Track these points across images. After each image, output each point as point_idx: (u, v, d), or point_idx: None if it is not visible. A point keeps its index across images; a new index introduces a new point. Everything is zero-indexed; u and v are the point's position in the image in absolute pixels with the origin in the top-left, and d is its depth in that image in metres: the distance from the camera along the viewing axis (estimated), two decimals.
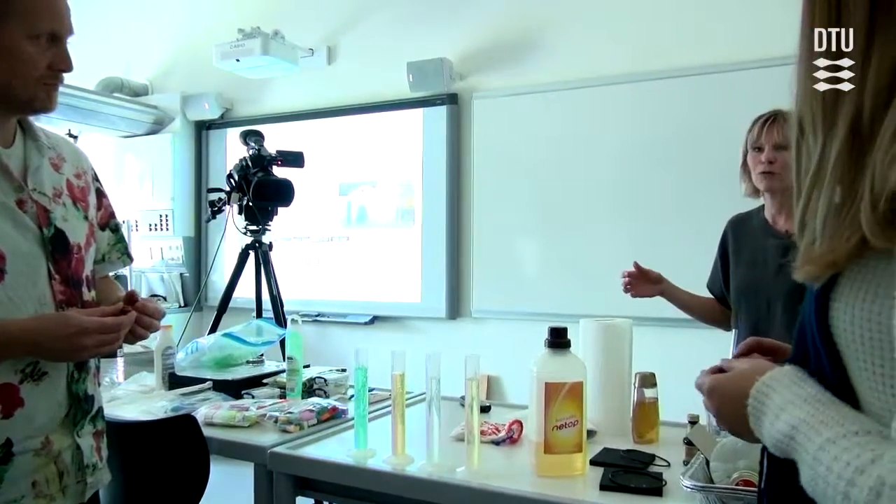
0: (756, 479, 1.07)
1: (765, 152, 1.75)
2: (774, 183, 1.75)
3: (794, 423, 0.62)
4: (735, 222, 1.92)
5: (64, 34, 1.15)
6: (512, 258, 3.63)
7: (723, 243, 1.93)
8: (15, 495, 1.09)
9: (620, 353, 1.54)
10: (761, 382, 0.68)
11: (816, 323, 0.63)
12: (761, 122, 1.78)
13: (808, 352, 0.66)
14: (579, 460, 1.25)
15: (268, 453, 1.39)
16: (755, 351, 0.88)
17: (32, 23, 1.10)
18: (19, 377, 1.10)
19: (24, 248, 1.11)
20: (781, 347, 0.86)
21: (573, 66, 3.46)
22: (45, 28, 1.11)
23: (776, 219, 1.81)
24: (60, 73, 1.16)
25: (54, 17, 1.12)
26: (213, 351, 1.97)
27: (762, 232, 1.82)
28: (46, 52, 1.12)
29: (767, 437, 0.66)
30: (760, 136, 1.77)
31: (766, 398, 0.67)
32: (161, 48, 4.60)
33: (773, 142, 1.74)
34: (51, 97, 1.17)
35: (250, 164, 2.74)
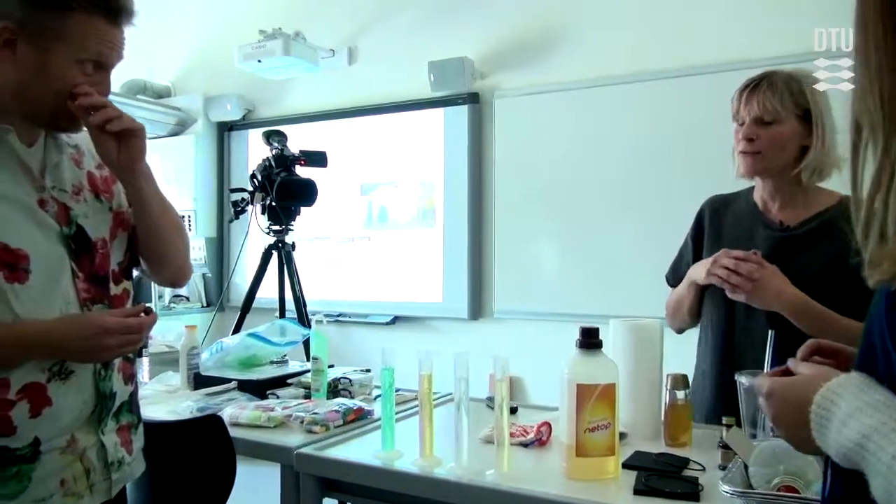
0: (798, 486, 1.04)
1: (744, 127, 1.48)
2: (757, 165, 1.48)
3: (865, 431, 0.59)
4: (715, 203, 1.65)
5: (109, 64, 1.16)
6: (534, 258, 3.61)
7: (697, 227, 1.65)
8: (44, 494, 1.09)
9: (651, 353, 1.51)
10: (826, 389, 0.65)
11: (888, 322, 0.60)
12: (740, 91, 1.49)
13: (876, 356, 0.63)
14: (612, 463, 1.22)
15: (294, 454, 1.38)
16: (816, 353, 0.85)
17: (82, 48, 1.11)
18: (46, 376, 1.10)
19: (46, 248, 1.11)
20: (844, 350, 0.83)
21: (595, 64, 3.43)
22: (93, 54, 1.12)
23: (768, 205, 1.55)
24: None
25: (103, 46, 1.13)
26: (238, 351, 1.96)
27: (750, 218, 1.56)
28: (88, 78, 1.13)
29: (834, 445, 0.63)
30: (739, 107, 1.49)
31: (833, 405, 0.64)
32: (183, 50, 4.63)
33: (754, 115, 1.45)
34: (76, 122, 1.17)
35: (273, 164, 2.74)
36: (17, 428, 1.06)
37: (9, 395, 1.06)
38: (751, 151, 1.47)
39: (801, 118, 1.45)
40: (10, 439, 1.05)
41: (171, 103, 4.52)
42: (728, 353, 1.53)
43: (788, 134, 1.45)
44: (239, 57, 3.79)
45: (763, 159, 1.48)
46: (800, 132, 1.45)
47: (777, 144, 1.45)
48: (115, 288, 1.23)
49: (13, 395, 1.06)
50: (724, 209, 1.63)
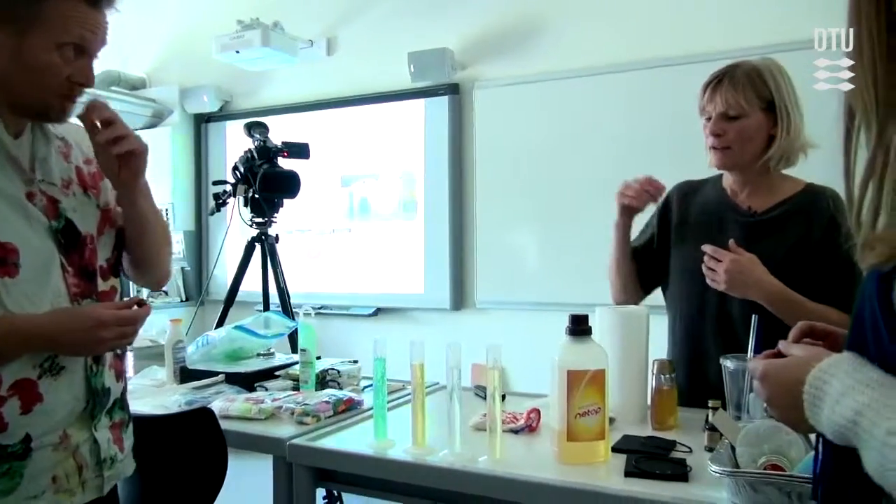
0: (783, 464, 1.07)
1: (711, 123, 1.50)
2: (726, 159, 1.51)
3: (858, 408, 0.61)
4: (683, 189, 1.67)
5: (91, 48, 1.12)
6: (515, 248, 3.63)
7: (664, 210, 1.67)
8: (36, 491, 1.08)
9: (637, 339, 1.53)
10: (818, 369, 0.67)
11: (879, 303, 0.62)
12: (703, 87, 1.52)
13: (866, 337, 0.64)
14: (602, 448, 1.24)
15: (287, 445, 1.38)
16: (807, 335, 0.87)
17: (61, 32, 1.07)
18: (38, 372, 1.09)
19: (35, 242, 1.10)
20: (834, 332, 0.85)
21: (575, 55, 3.45)
22: (72, 38, 1.09)
23: (737, 192, 1.57)
24: (79, 87, 1.13)
25: (84, 30, 1.09)
26: (224, 344, 1.96)
27: (718, 204, 1.59)
28: (69, 64, 1.10)
29: (827, 424, 0.65)
30: (704, 103, 1.52)
31: (826, 384, 0.66)
32: (158, 40, 4.56)
33: (719, 111, 1.48)
34: (65, 109, 1.15)
35: (256, 155, 2.72)
36: (8, 425, 1.05)
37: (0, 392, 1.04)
38: (720, 147, 1.50)
39: (765, 110, 1.48)
40: (1, 436, 1.04)
41: (146, 95, 4.45)
42: (699, 341, 1.57)
43: (755, 126, 1.48)
44: (216, 48, 3.75)
45: (733, 154, 1.50)
46: (765, 123, 1.49)
47: (744, 138, 1.48)
48: (104, 284, 1.21)
49: (4, 392, 1.05)
50: (692, 195, 1.65)
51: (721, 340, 1.50)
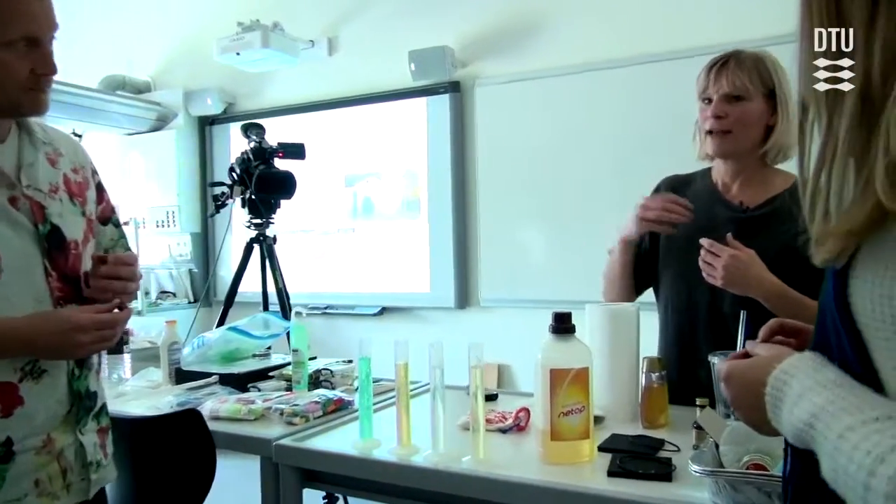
0: (766, 464, 1.05)
1: (712, 105, 1.45)
2: (726, 145, 1.46)
3: (814, 410, 0.59)
4: (673, 183, 1.62)
5: (42, 36, 1.11)
6: (519, 246, 3.61)
7: None
8: (18, 494, 1.09)
9: (628, 337, 1.51)
10: (779, 370, 0.65)
11: (836, 302, 0.60)
12: (707, 68, 1.47)
13: (829, 336, 0.63)
14: (586, 447, 1.23)
15: (273, 446, 1.38)
16: (777, 333, 0.85)
17: (2, 30, 1.06)
18: (19, 375, 1.09)
19: (18, 246, 1.10)
20: (805, 329, 0.83)
21: (576, 51, 3.42)
22: (18, 33, 1.07)
23: (728, 185, 1.53)
24: (45, 77, 1.13)
25: (26, 21, 1.08)
26: (220, 345, 1.96)
27: (708, 199, 1.54)
28: (25, 58, 1.09)
29: (787, 426, 0.63)
30: (707, 85, 1.46)
31: (785, 386, 0.64)
32: (162, 44, 4.59)
33: (723, 91, 1.43)
34: (37, 101, 1.14)
35: (252, 157, 2.73)
36: None
37: None
38: (720, 130, 1.46)
39: (766, 97, 1.45)
40: None
41: (151, 98, 4.49)
42: (690, 338, 1.54)
43: (757, 112, 1.45)
44: (217, 50, 3.76)
45: (733, 139, 1.46)
46: (765, 111, 1.46)
47: (746, 122, 1.45)
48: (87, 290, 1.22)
49: None
50: (682, 189, 1.60)
51: (712, 337, 1.48)
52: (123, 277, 1.18)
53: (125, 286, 1.18)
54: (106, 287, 1.16)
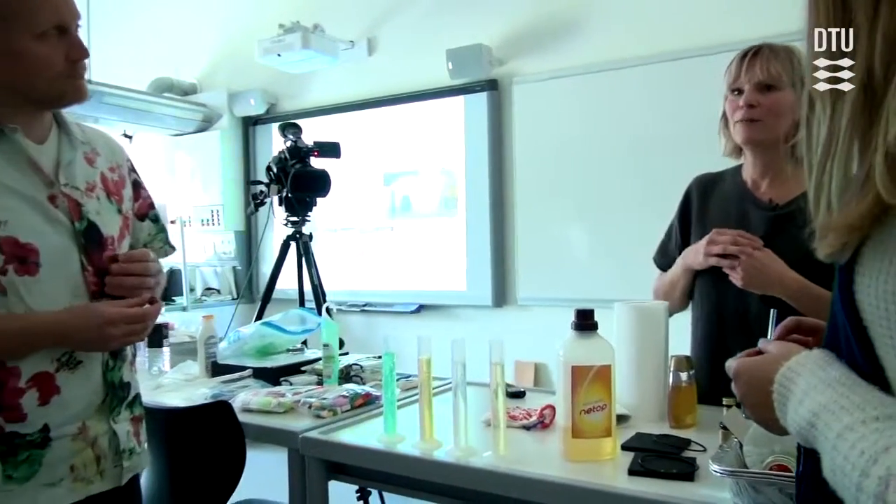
0: (791, 465, 1.02)
1: (744, 94, 1.43)
2: (756, 132, 1.43)
3: (816, 409, 0.58)
4: (702, 182, 1.61)
5: (70, 24, 1.15)
6: (556, 244, 3.59)
7: (684, 207, 1.62)
8: (54, 478, 1.13)
9: (656, 336, 1.49)
10: (786, 367, 0.64)
11: (841, 298, 0.59)
12: (740, 58, 1.45)
13: (838, 333, 0.61)
14: (608, 445, 1.22)
15: (300, 438, 1.41)
16: (794, 332, 0.83)
17: (34, 23, 1.10)
18: (55, 366, 1.14)
19: (56, 242, 1.15)
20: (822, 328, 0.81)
21: (614, 47, 3.38)
22: (49, 24, 1.12)
23: (758, 183, 1.51)
24: (79, 63, 1.17)
25: (54, 11, 1.13)
26: (254, 339, 2.01)
27: (738, 197, 1.52)
28: (59, 47, 1.14)
29: (792, 425, 0.62)
30: (739, 74, 1.44)
31: (791, 384, 0.63)
32: (207, 48, 4.72)
33: (756, 80, 1.41)
34: (77, 88, 1.19)
35: (288, 156, 2.78)
36: (27, 415, 1.10)
37: (19, 384, 1.10)
38: (750, 118, 1.43)
39: (797, 89, 1.42)
40: (21, 425, 1.10)
41: (197, 100, 4.61)
42: (719, 338, 1.51)
43: (788, 102, 1.42)
44: (259, 52, 3.84)
45: (763, 127, 1.43)
46: (796, 103, 1.42)
47: (777, 111, 1.42)
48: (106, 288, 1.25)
49: (23, 384, 1.10)
50: (711, 188, 1.59)
51: (741, 337, 1.44)
52: (136, 273, 1.21)
53: (140, 281, 1.22)
54: (121, 283, 1.20)
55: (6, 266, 1.08)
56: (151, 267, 1.25)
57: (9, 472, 1.09)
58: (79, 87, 1.19)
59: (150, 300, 1.23)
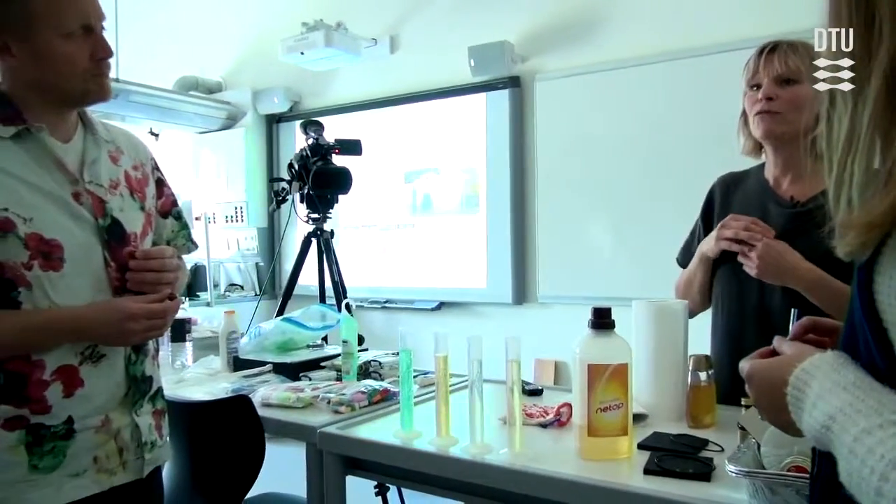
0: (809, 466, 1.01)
1: (763, 86, 1.42)
2: (775, 125, 1.42)
3: (831, 412, 0.58)
4: (726, 181, 1.61)
5: (95, 23, 1.18)
6: (577, 242, 3.57)
7: (707, 206, 1.62)
8: (78, 469, 1.16)
9: (675, 335, 1.48)
10: (800, 370, 0.64)
11: (860, 298, 0.58)
12: (758, 53, 1.44)
13: (856, 334, 0.60)
14: (624, 444, 1.21)
15: (317, 433, 1.42)
16: (810, 332, 0.82)
17: (61, 23, 1.13)
18: (79, 359, 1.16)
19: (80, 239, 1.17)
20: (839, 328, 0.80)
21: (637, 43, 3.35)
22: (75, 24, 1.15)
23: (779, 180, 1.50)
24: (104, 62, 1.20)
25: (81, 11, 1.15)
26: (275, 335, 2.03)
27: (760, 195, 1.52)
28: (84, 46, 1.16)
29: (807, 428, 0.62)
30: (758, 69, 1.43)
31: (805, 386, 0.62)
32: (232, 46, 4.77)
33: (775, 73, 1.41)
34: (102, 87, 1.21)
35: (309, 153, 2.81)
36: (51, 407, 1.13)
37: (44, 376, 1.13)
38: (770, 111, 1.41)
39: None
40: (45, 417, 1.13)
41: (222, 98, 4.66)
42: (740, 337, 1.50)
43: (807, 95, 1.40)
44: (282, 50, 3.88)
45: (782, 121, 1.42)
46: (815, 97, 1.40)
47: (796, 105, 1.40)
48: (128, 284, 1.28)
49: (47, 377, 1.13)
50: (735, 187, 1.59)
51: (762, 336, 1.42)
52: (154, 269, 1.23)
53: (158, 277, 1.23)
54: (141, 279, 1.22)
55: (32, 261, 1.11)
56: (168, 263, 1.27)
57: (34, 462, 1.12)
58: (103, 85, 1.21)
59: (170, 296, 1.25)
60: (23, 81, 1.16)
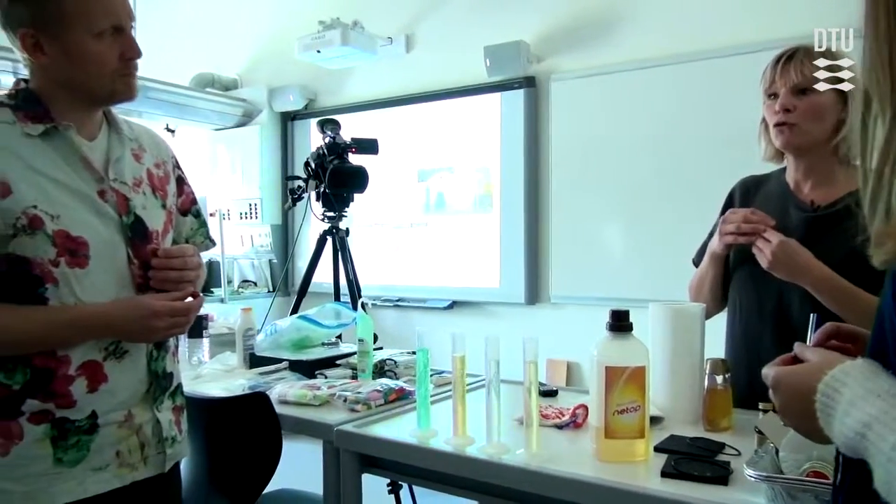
0: (828, 472, 1.01)
1: (780, 98, 1.41)
2: (794, 137, 1.41)
3: (866, 420, 0.58)
4: (747, 184, 1.60)
5: (125, 24, 1.19)
6: (591, 242, 3.57)
7: (727, 208, 1.60)
8: (101, 463, 1.18)
9: (691, 338, 1.48)
10: (830, 377, 0.64)
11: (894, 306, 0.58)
12: (774, 62, 1.42)
13: (887, 343, 0.61)
14: (641, 446, 1.22)
15: (334, 431, 1.43)
16: (833, 338, 0.82)
17: (92, 23, 1.15)
18: (103, 355, 1.18)
19: (105, 236, 1.19)
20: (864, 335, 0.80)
21: (653, 44, 3.35)
22: (106, 24, 1.16)
23: (800, 185, 1.49)
24: (132, 62, 1.21)
25: (111, 12, 1.17)
26: (290, 332, 2.04)
27: (781, 199, 1.50)
28: (114, 46, 1.18)
29: (837, 435, 0.62)
30: (774, 78, 1.42)
31: (837, 394, 0.63)
32: (248, 44, 4.79)
33: (791, 83, 1.39)
34: (129, 86, 1.23)
35: (326, 152, 2.82)
36: (76, 401, 1.15)
37: (69, 372, 1.15)
38: (787, 122, 1.41)
39: (837, 90, 1.38)
40: (70, 411, 1.15)
41: (237, 95, 4.69)
42: (757, 341, 1.49)
43: (826, 104, 1.39)
44: (298, 48, 3.89)
45: (799, 132, 1.41)
46: (836, 104, 1.39)
47: (814, 115, 1.40)
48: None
49: (73, 372, 1.15)
50: (755, 190, 1.58)
51: (780, 340, 1.43)
52: (176, 268, 1.25)
53: (181, 275, 1.25)
54: (164, 277, 1.23)
55: (59, 258, 1.13)
56: (190, 262, 1.28)
57: (59, 455, 1.13)
58: (130, 85, 1.23)
59: (193, 294, 1.26)
60: (52, 80, 1.18)
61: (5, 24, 1.16)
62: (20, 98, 1.18)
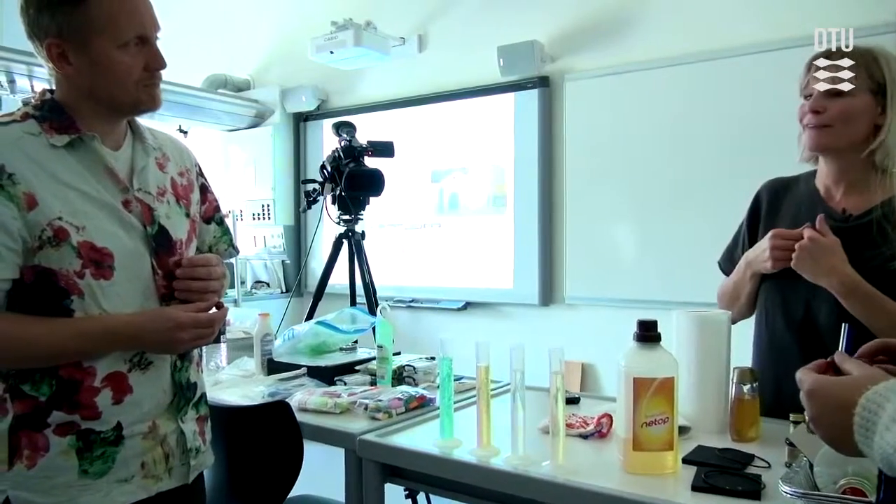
0: (865, 488, 0.99)
1: (812, 99, 1.38)
2: (824, 138, 1.38)
3: None
4: (774, 187, 1.55)
5: (150, 35, 1.19)
6: (605, 243, 3.55)
7: (753, 211, 1.56)
8: (126, 475, 1.17)
9: (717, 346, 1.46)
10: (874, 392, 0.63)
11: None
12: (809, 62, 1.39)
13: None
14: (670, 458, 1.20)
15: (357, 440, 1.42)
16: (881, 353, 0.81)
17: (118, 33, 1.14)
18: (128, 366, 1.17)
19: (130, 246, 1.18)
20: None
21: (668, 43, 3.32)
22: (131, 35, 1.15)
23: (831, 191, 1.45)
24: (157, 72, 1.21)
25: (137, 23, 1.16)
26: (308, 338, 2.04)
27: (810, 204, 1.46)
28: (139, 56, 1.17)
29: (878, 451, 0.61)
30: (808, 78, 1.39)
31: (880, 409, 0.62)
32: (261, 45, 4.79)
33: (826, 85, 1.37)
34: (153, 97, 1.22)
35: (342, 155, 2.81)
36: (101, 413, 1.14)
37: (94, 383, 1.14)
38: (818, 125, 1.38)
39: (875, 93, 1.35)
40: (95, 423, 1.14)
41: (250, 96, 4.69)
42: (784, 350, 1.47)
43: (860, 107, 1.36)
44: (311, 49, 3.89)
45: (831, 133, 1.38)
46: (872, 108, 1.36)
47: (847, 117, 1.36)
48: None
49: (98, 383, 1.14)
50: (783, 193, 1.54)
51: (808, 349, 1.40)
52: (200, 278, 1.24)
53: (205, 285, 1.24)
54: (187, 288, 1.22)
55: (84, 270, 1.12)
56: (214, 272, 1.27)
57: (84, 467, 1.13)
58: (154, 95, 1.22)
59: (217, 305, 1.25)
60: (77, 90, 1.17)
61: (31, 33, 1.15)
62: (45, 108, 1.17)
